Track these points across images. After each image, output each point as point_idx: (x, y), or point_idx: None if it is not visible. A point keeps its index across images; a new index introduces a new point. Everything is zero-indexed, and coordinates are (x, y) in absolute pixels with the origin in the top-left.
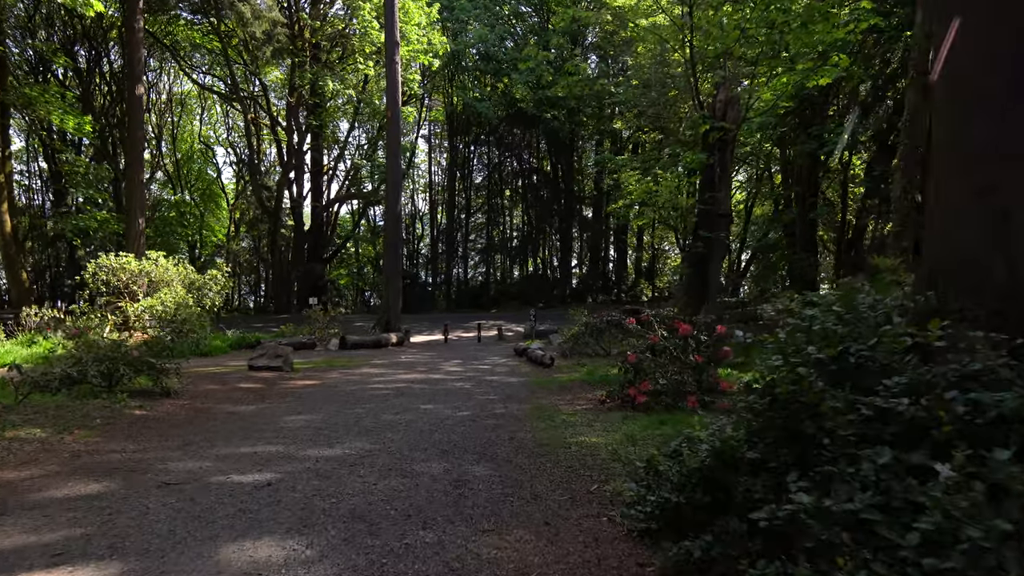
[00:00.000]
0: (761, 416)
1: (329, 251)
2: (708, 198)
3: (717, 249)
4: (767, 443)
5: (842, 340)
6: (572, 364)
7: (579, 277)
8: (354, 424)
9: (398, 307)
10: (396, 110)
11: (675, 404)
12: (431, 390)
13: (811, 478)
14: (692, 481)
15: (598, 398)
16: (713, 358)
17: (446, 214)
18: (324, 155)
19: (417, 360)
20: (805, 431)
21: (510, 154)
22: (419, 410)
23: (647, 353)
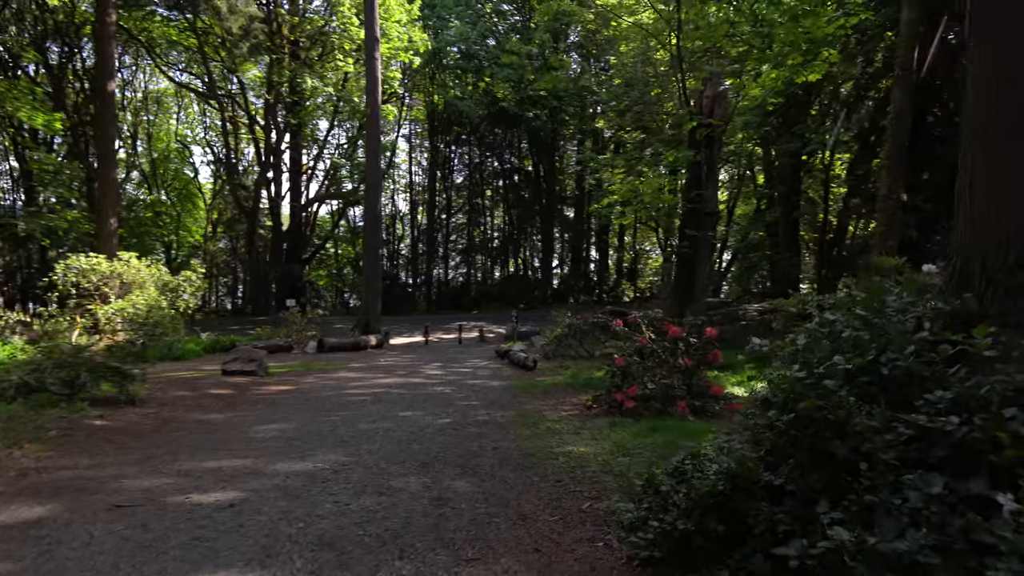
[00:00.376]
0: (783, 435)
1: (308, 252)
2: (695, 196)
3: (704, 248)
4: (790, 466)
5: (871, 348)
6: (555, 366)
7: (561, 278)
8: (328, 434)
9: (377, 309)
10: (376, 108)
11: (664, 410)
12: (410, 395)
13: (846, 508)
14: (703, 506)
15: (583, 403)
16: (702, 361)
17: (427, 214)
18: (303, 154)
19: (396, 363)
20: (835, 453)
21: (491, 154)
22: (397, 417)
23: (635, 356)
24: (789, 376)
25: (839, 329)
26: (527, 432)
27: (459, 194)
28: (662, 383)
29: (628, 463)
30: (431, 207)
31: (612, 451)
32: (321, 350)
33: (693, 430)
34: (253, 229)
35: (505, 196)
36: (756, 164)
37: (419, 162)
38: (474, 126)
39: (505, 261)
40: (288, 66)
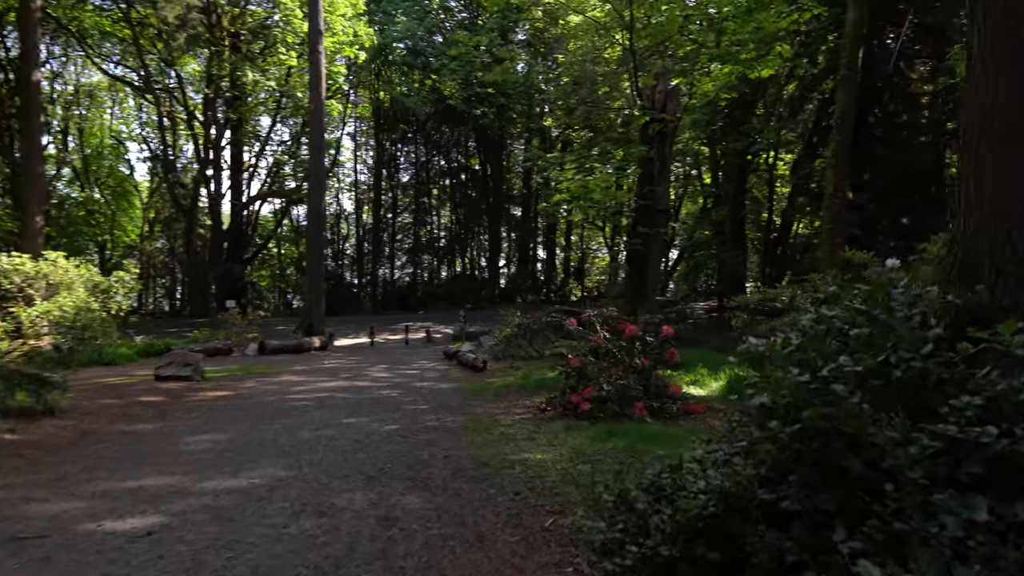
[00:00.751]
0: (785, 449)
1: (249, 252)
2: (647, 192)
3: (655, 246)
4: (794, 484)
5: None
6: (505, 367)
7: (508, 277)
8: (266, 444)
9: (321, 309)
10: (320, 103)
11: (622, 411)
12: (356, 400)
13: (868, 536)
14: (690, 530)
15: (537, 405)
16: (659, 361)
17: (372, 213)
18: (244, 151)
19: (341, 365)
20: (849, 469)
21: (438, 152)
22: (342, 425)
23: (590, 357)
24: (789, 380)
25: (838, 326)
26: (480, 439)
27: (405, 193)
28: (618, 384)
29: (590, 472)
30: (377, 206)
31: (571, 458)
32: (262, 353)
33: (654, 433)
34: (191, 228)
35: (452, 195)
36: (703, 163)
37: (364, 160)
38: (421, 124)
39: (452, 260)
40: (228, 59)
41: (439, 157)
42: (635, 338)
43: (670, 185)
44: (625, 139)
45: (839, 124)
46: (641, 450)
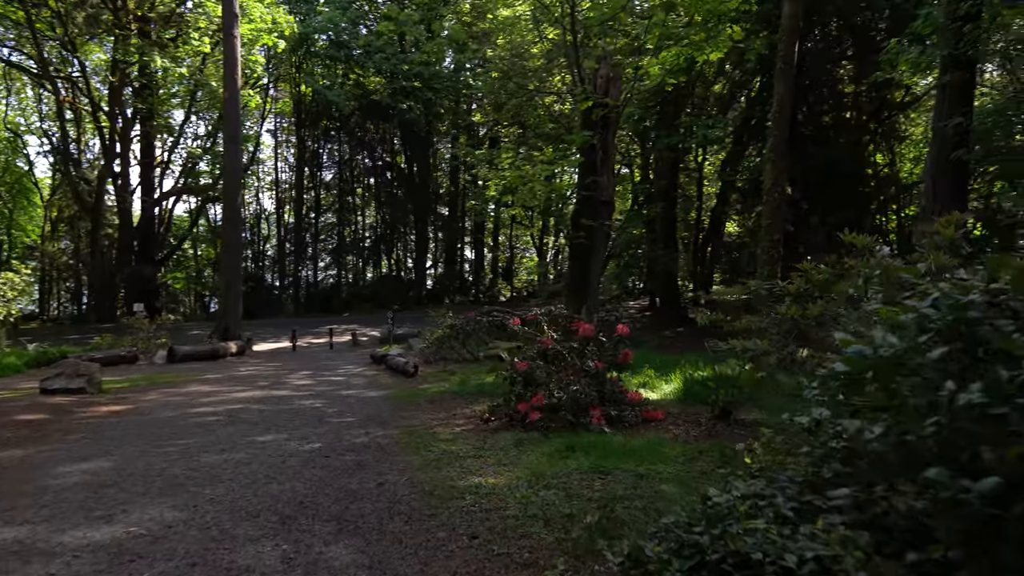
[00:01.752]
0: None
1: (162, 252)
2: (590, 183)
3: (599, 240)
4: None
5: None
6: (438, 371)
7: (436, 278)
8: (158, 474)
9: (238, 312)
10: (235, 90)
11: (577, 421)
12: (273, 413)
13: None
14: None
15: (478, 415)
16: (613, 363)
17: (294, 213)
18: (157, 146)
19: (259, 373)
20: None
21: (363, 149)
22: (255, 444)
23: (538, 360)
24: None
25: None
26: (418, 459)
27: (329, 192)
28: (571, 390)
29: (556, 500)
30: (299, 205)
31: (530, 481)
32: (172, 360)
33: (617, 446)
34: (97, 227)
35: (377, 194)
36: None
37: (285, 158)
38: (344, 120)
39: (378, 261)
40: (135, 44)
41: (364, 155)
42: (589, 339)
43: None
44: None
45: (776, 118)
46: (609, 469)
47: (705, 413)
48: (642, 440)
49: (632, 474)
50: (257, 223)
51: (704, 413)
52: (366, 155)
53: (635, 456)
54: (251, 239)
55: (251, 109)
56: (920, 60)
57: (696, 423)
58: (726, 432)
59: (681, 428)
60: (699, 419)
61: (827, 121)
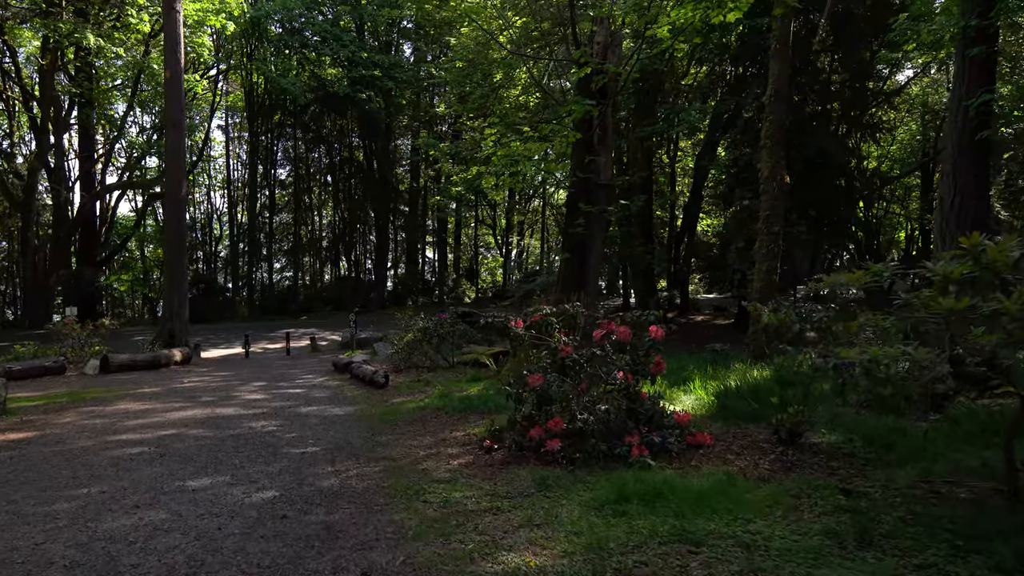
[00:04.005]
0: None
1: (105, 253)
2: (588, 163)
3: (597, 228)
4: None
5: None
6: (412, 381)
7: (397, 279)
8: (25, 557)
9: (184, 316)
10: (177, 69)
11: (611, 451)
12: (215, 441)
13: None
14: None
15: (475, 439)
16: (644, 374)
17: (247, 212)
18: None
19: (204, 384)
20: None
21: (320, 144)
22: (183, 495)
23: (552, 372)
24: None
25: None
26: (412, 517)
27: (284, 189)
28: (599, 411)
29: None
30: (252, 203)
31: (593, 564)
32: (106, 370)
33: (682, 492)
34: (28, 225)
35: (335, 191)
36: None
37: (238, 155)
38: (300, 113)
39: (336, 262)
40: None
41: (321, 150)
42: (626, 345)
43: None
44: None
45: (772, 102)
46: (697, 535)
47: (758, 434)
48: (705, 479)
49: (733, 542)
50: (209, 223)
51: (756, 434)
52: (323, 151)
53: (711, 506)
54: (203, 240)
55: (200, 104)
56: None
57: (755, 449)
58: (803, 462)
59: (743, 458)
60: (755, 443)
61: (810, 112)
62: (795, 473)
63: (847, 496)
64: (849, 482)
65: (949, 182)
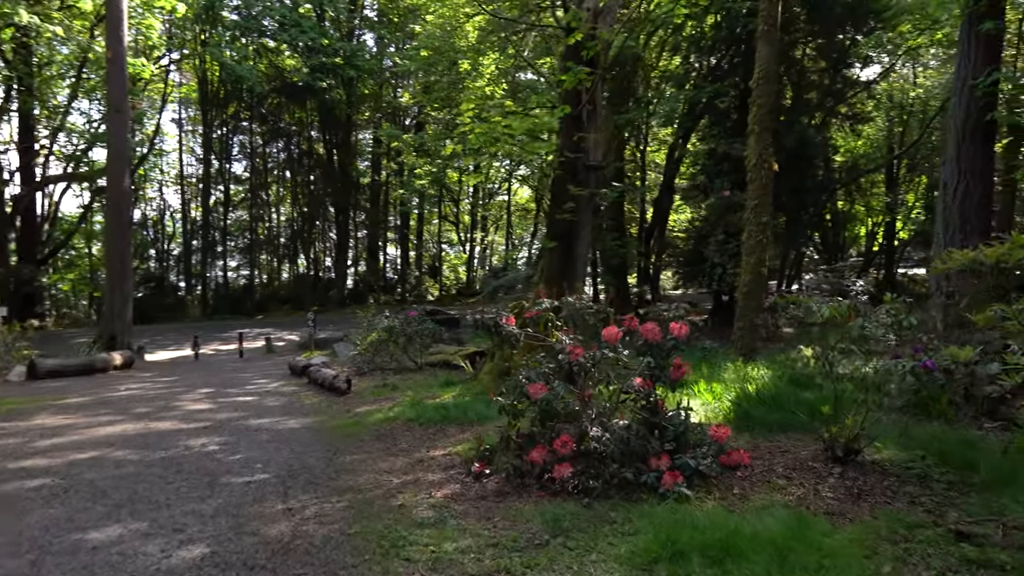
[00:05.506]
0: None
1: (46, 250)
2: (576, 141)
3: (586, 215)
4: None
5: None
6: (377, 385)
7: (359, 276)
8: None
9: (127, 316)
10: (120, 49)
11: (637, 480)
12: (140, 467)
13: None
14: None
15: (459, 461)
16: (666, 380)
17: (201, 208)
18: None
19: (143, 393)
20: None
21: (279, 137)
22: (74, 558)
23: (556, 380)
24: None
25: None
26: None
27: (240, 185)
28: (618, 428)
29: None
30: (206, 199)
31: None
32: (33, 376)
33: (766, 543)
34: None
35: (294, 186)
36: None
37: (192, 149)
38: (257, 104)
39: (295, 259)
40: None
41: (279, 144)
42: (653, 346)
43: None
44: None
45: (761, 85)
46: None
47: (799, 449)
48: (765, 517)
49: None
50: (161, 220)
51: (796, 449)
52: (281, 144)
53: (797, 563)
54: (155, 237)
55: (152, 94)
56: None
57: (804, 470)
58: (871, 488)
59: (794, 483)
60: (800, 461)
61: (787, 102)
62: (868, 503)
63: (966, 542)
64: (941, 515)
65: (952, 168)
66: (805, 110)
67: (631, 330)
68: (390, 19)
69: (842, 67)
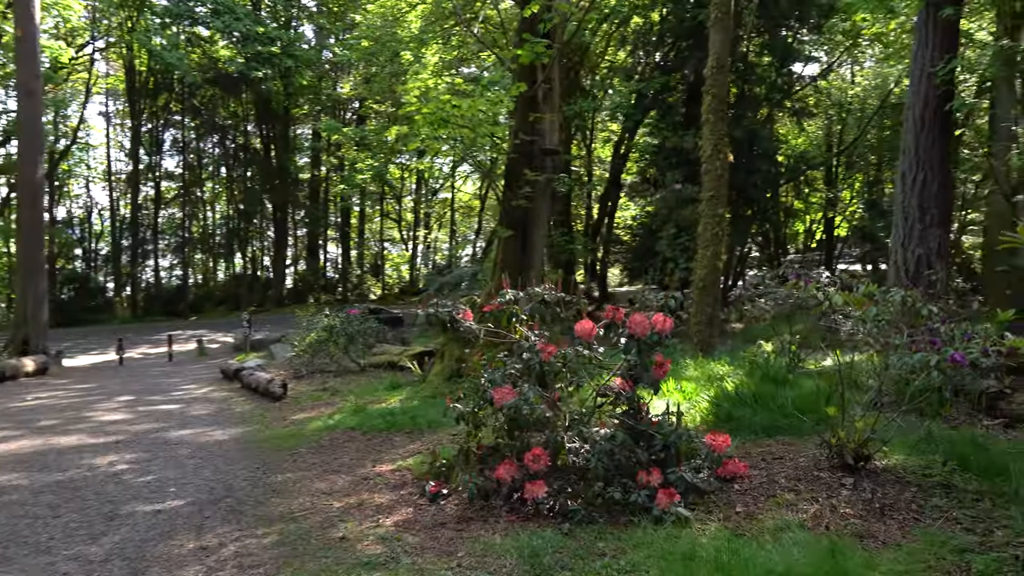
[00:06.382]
0: None
1: None
2: (532, 122)
3: (543, 201)
4: None
5: None
6: (316, 389)
7: (298, 275)
8: None
9: (43, 318)
10: (31, 27)
11: (626, 499)
12: (26, 495)
13: None
14: None
15: (411, 479)
16: (646, 380)
17: (131, 206)
18: None
19: (52, 402)
20: None
21: (213, 131)
22: None
23: (526, 381)
24: None
25: None
26: None
27: (173, 181)
28: (602, 437)
29: None
30: (135, 196)
31: None
32: None
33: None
34: None
35: (229, 182)
36: None
37: (120, 144)
38: (188, 96)
39: (231, 258)
40: None
41: (213, 138)
42: (640, 341)
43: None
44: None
45: (714, 74)
46: None
47: (796, 455)
48: (785, 541)
49: None
50: (88, 218)
51: (793, 454)
52: (216, 138)
53: None
54: (81, 236)
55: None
56: None
57: (810, 480)
58: (894, 501)
59: (803, 496)
60: (803, 470)
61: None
62: (895, 520)
63: None
64: (986, 534)
65: (911, 158)
66: (752, 105)
67: (614, 323)
68: (329, 8)
69: (788, 62)
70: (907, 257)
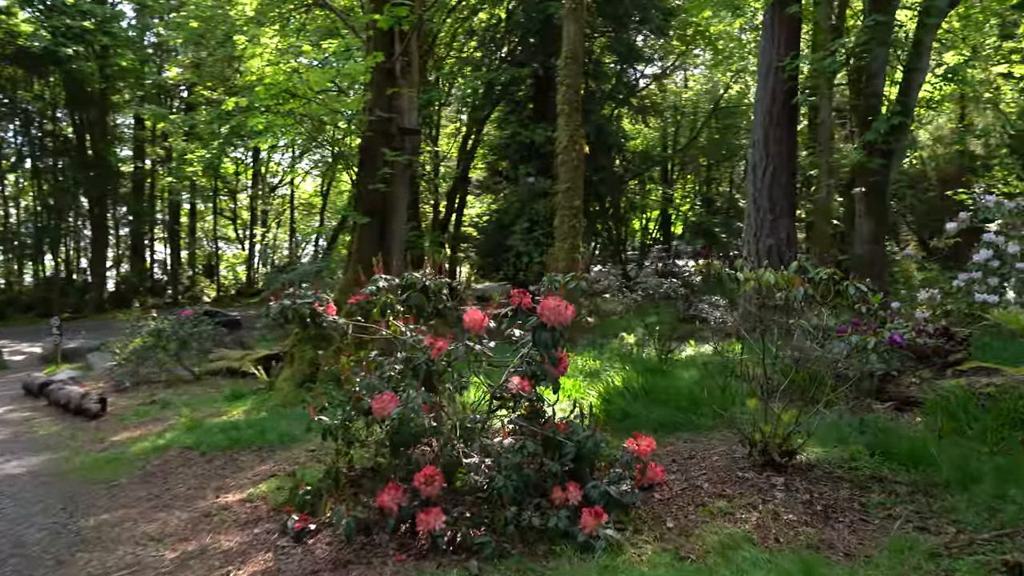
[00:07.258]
0: None
1: None
2: (389, 98)
3: (402, 186)
4: None
5: None
6: (143, 403)
7: (121, 278)
8: None
9: None
10: None
11: (544, 525)
12: None
13: None
14: None
15: (266, 511)
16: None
17: None
18: None
19: None
20: None
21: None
22: None
23: (411, 382)
24: None
25: None
26: None
27: None
28: (508, 449)
29: None
30: None
31: None
32: None
33: None
34: None
35: (36, 174)
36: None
37: None
38: None
39: (40, 260)
40: None
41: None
42: (552, 331)
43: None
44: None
45: (569, 63)
46: None
47: (710, 453)
48: (742, 563)
49: None
50: None
51: (706, 453)
52: (19, 124)
53: None
54: None
55: None
56: None
57: (736, 482)
58: (834, 502)
59: (734, 502)
60: (723, 469)
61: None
62: (843, 524)
63: None
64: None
65: (761, 151)
66: (599, 101)
67: (521, 309)
68: None
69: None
70: (759, 248)
